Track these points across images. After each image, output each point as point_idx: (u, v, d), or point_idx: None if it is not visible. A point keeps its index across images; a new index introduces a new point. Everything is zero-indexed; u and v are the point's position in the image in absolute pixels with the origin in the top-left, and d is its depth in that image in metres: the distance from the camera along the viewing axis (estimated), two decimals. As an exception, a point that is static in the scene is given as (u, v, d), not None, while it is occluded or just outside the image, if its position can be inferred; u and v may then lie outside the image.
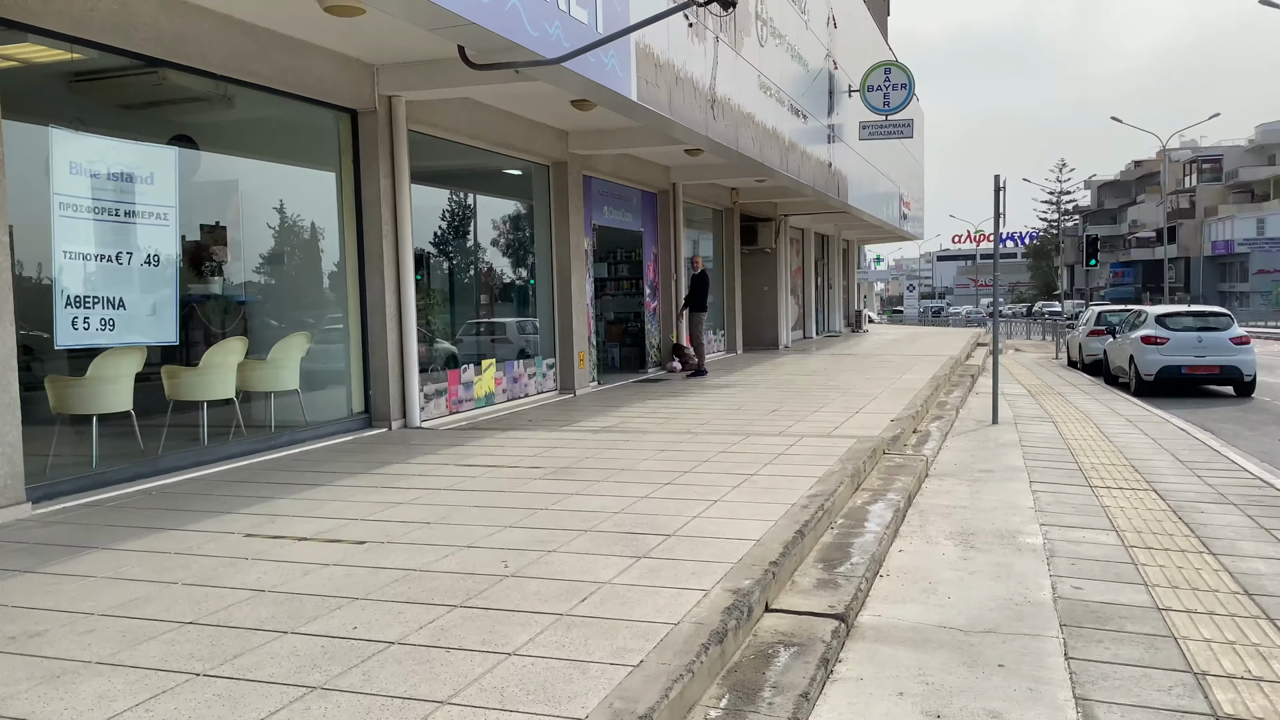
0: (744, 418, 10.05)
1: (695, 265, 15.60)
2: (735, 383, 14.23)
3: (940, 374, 15.01)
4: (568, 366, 12.80)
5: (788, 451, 7.57)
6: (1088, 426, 11.20)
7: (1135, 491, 7.23)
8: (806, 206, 22.57)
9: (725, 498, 5.83)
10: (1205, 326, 16.25)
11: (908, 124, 18.85)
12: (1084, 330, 22.26)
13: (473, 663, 3.39)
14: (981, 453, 9.11)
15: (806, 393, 12.58)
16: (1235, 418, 13.08)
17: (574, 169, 12.77)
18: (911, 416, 10.15)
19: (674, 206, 16.38)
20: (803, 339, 27.10)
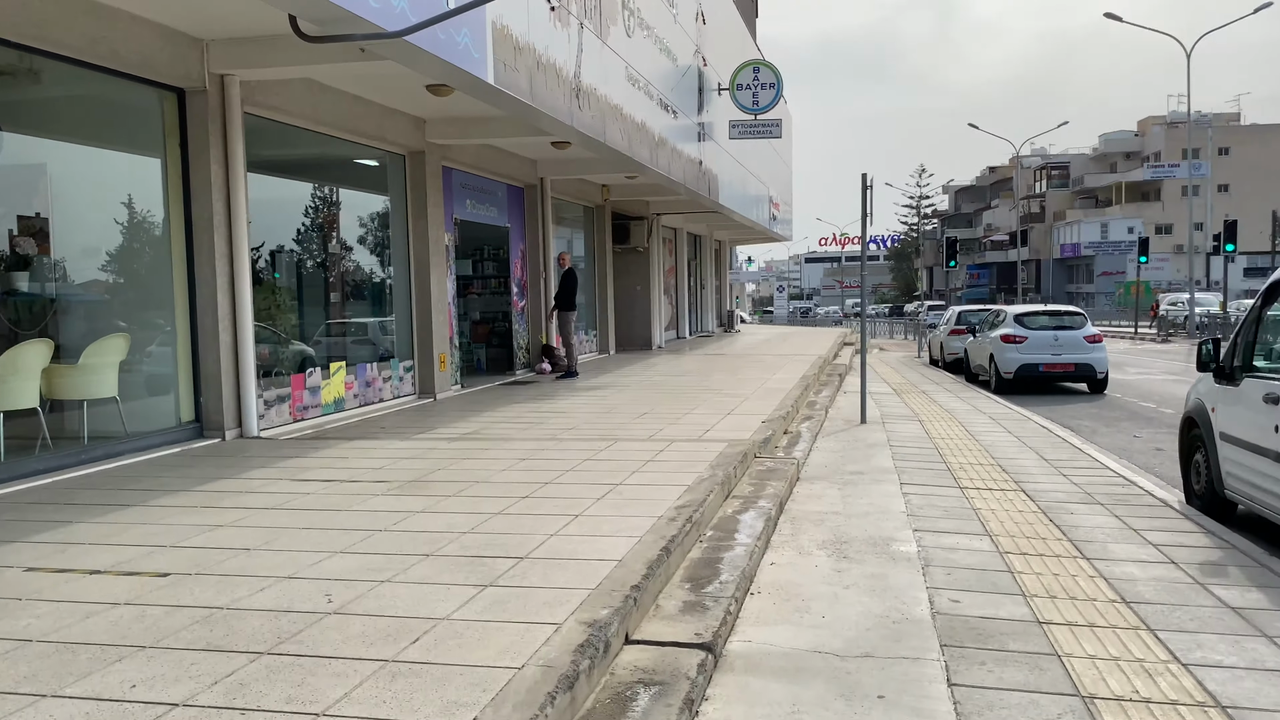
0: (613, 422, 9.63)
1: (562, 263, 15.10)
2: (607, 384, 13.81)
3: (810, 374, 14.97)
4: (427, 369, 12.11)
5: (657, 458, 7.17)
6: (953, 425, 11.25)
7: (1005, 492, 7.14)
8: (679, 205, 22.39)
9: (587, 512, 5.37)
10: (1061, 325, 16.76)
11: (776, 124, 18.85)
12: (945, 330, 22.84)
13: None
14: (852, 454, 8.94)
15: (678, 394, 12.27)
16: (1091, 414, 13.45)
17: (433, 160, 12.10)
18: (782, 417, 9.93)
19: (542, 202, 15.84)
20: (676, 339, 26.95)
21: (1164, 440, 10.86)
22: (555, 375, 15.09)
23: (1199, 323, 32.39)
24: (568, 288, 14.79)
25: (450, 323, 12.89)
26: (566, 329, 14.92)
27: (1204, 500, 6.77)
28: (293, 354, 10.22)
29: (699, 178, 17.37)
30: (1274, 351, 5.97)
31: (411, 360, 12.06)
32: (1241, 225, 41.81)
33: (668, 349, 22.94)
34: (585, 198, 18.69)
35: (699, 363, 17.93)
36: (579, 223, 19.26)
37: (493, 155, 13.95)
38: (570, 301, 14.79)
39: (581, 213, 19.32)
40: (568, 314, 14.80)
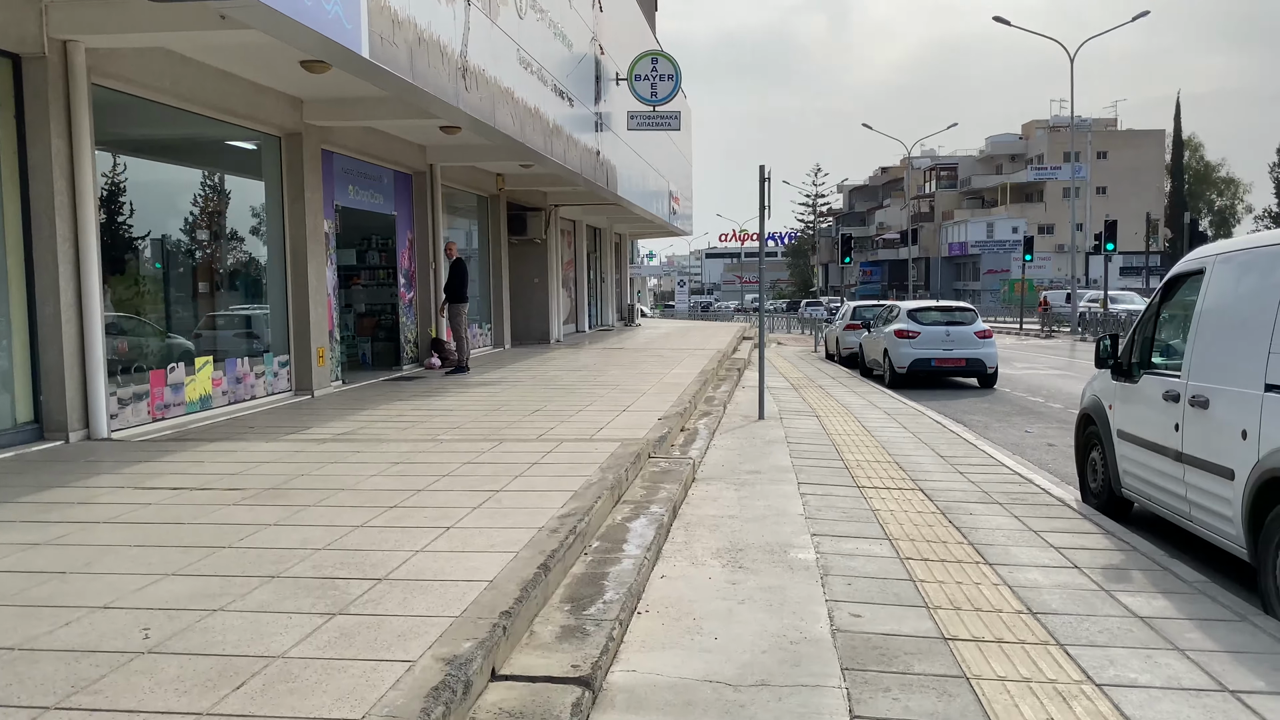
0: (501, 420, 9.13)
1: (450, 253, 14.46)
2: (498, 380, 13.27)
3: (708, 368, 14.72)
4: (304, 364, 11.37)
5: (544, 460, 6.72)
6: (849, 420, 11.11)
7: (903, 491, 6.93)
8: (577, 197, 21.92)
9: (461, 523, 4.89)
10: (952, 321, 16.93)
11: (675, 116, 18.56)
12: (840, 325, 22.97)
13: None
14: (749, 451, 8.65)
15: (573, 390, 11.83)
16: (983, 409, 13.54)
17: (311, 142, 11.35)
18: (679, 414, 9.60)
19: (432, 189, 15.17)
20: (575, 333, 26.49)
21: (1054, 435, 10.94)
22: (445, 370, 14.47)
23: (1095, 319, 33.52)
24: (457, 279, 14.18)
25: (330, 315, 12.16)
26: (457, 322, 14.30)
27: (1101, 499, 6.69)
28: (156, 348, 9.40)
29: (597, 168, 16.94)
30: (1172, 348, 5.88)
31: (287, 355, 11.31)
32: (1118, 226, 43.61)
33: (566, 343, 22.46)
34: (479, 187, 18.06)
35: (597, 357, 17.52)
36: (473, 213, 18.61)
37: (378, 139, 13.25)
38: (461, 293, 14.18)
39: (476, 202, 18.67)
40: (458, 306, 14.19)
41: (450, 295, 14.27)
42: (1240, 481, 4.58)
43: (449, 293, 14.29)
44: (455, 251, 14.52)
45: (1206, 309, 5.18)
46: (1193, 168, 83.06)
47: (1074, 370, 19.85)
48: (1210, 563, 5.38)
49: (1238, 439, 4.62)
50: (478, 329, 18.42)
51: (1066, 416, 12.46)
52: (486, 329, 18.94)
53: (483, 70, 10.56)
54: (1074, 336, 32.83)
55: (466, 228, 18.49)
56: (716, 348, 19.72)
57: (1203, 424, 5.04)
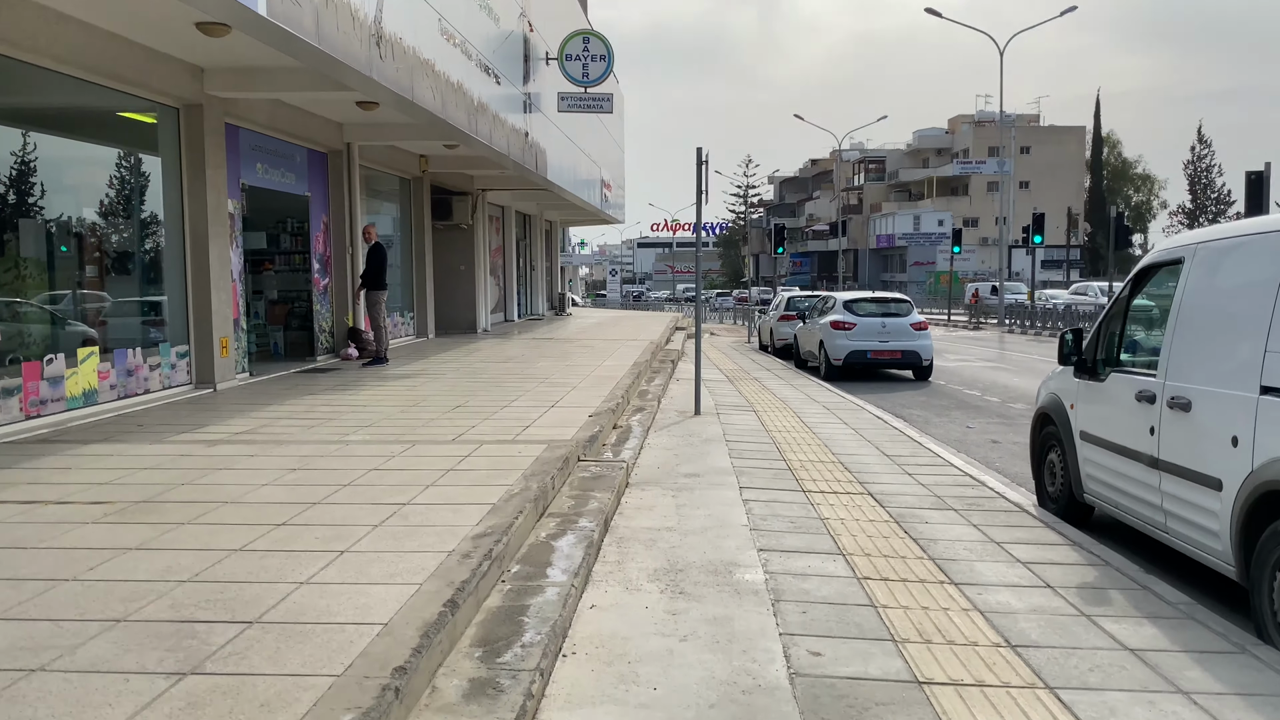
0: (418, 418, 8.43)
1: (368, 237, 13.61)
2: (419, 372, 12.52)
3: (642, 360, 14.15)
4: (205, 355, 10.48)
5: (461, 465, 6.06)
6: (789, 416, 10.65)
7: (851, 496, 6.45)
8: (506, 181, 21.15)
9: (358, 545, 4.22)
10: (888, 313, 16.64)
11: (607, 98, 17.91)
12: (775, 315, 22.62)
13: None
14: (686, 451, 8.10)
15: (499, 384, 11.15)
16: (920, 403, 13.23)
17: (213, 115, 10.44)
18: (612, 410, 9.00)
19: (349, 170, 14.28)
20: (504, 322, 25.70)
21: (996, 431, 10.62)
22: (363, 361, 13.65)
23: (1023, 311, 33.80)
24: (375, 265, 13.35)
25: (236, 302, 11.26)
26: (375, 311, 13.48)
27: (1060, 504, 6.29)
28: (34, 336, 8.47)
29: (525, 150, 16.22)
30: (1144, 345, 5.48)
31: (187, 345, 10.40)
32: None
33: (494, 332, 21.70)
34: (401, 168, 17.18)
35: (526, 348, 16.83)
36: (394, 195, 17.72)
37: (289, 115, 12.34)
38: (379, 280, 13.36)
39: (398, 185, 17.78)
40: (377, 293, 13.37)
41: (368, 282, 13.44)
42: (1230, 493, 4.16)
43: (366, 279, 13.46)
44: (374, 236, 13.68)
45: (1187, 303, 4.76)
46: (1111, 164, 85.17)
47: (1006, 362, 19.80)
48: (1188, 578, 4.98)
49: (1227, 446, 4.20)
50: (399, 318, 17.57)
51: (1006, 411, 12.20)
52: (409, 318, 18.09)
53: (400, 39, 9.79)
54: (1002, 328, 33.11)
55: (387, 211, 17.60)
56: (649, 339, 19.17)
57: (1184, 428, 4.62)
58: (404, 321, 17.76)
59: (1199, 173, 79.03)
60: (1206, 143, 78.50)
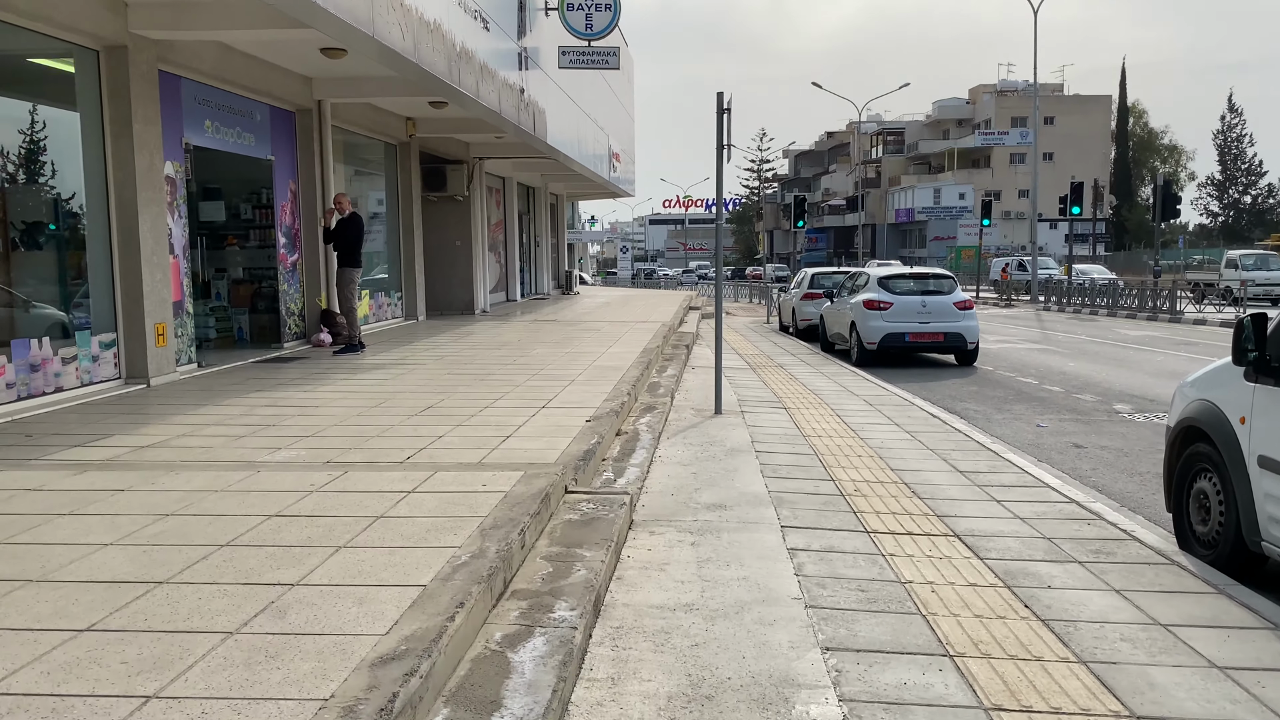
0: (374, 424, 6.81)
1: (341, 207, 11.92)
2: (398, 361, 10.90)
3: (652, 346, 12.49)
4: (137, 345, 8.88)
5: (397, 508, 4.42)
6: (826, 414, 8.98)
7: (933, 540, 4.79)
8: (505, 149, 19.43)
9: (184, 679, 2.59)
10: (929, 290, 14.90)
11: (613, 52, 16.15)
12: (797, 294, 20.88)
13: None
14: (708, 467, 6.45)
15: (486, 376, 9.52)
16: (972, 393, 11.52)
17: (141, 60, 8.79)
18: (615, 412, 7.35)
19: (320, 130, 12.62)
20: (505, 302, 24.06)
21: (1074, 431, 8.93)
22: (337, 348, 12.04)
23: (1057, 287, 31.98)
24: (350, 238, 11.70)
25: (178, 281, 9.65)
26: (346, 291, 11.84)
27: (1219, 551, 4.61)
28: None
29: (521, 109, 14.49)
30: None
31: (114, 333, 8.80)
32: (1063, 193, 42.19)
33: (493, 314, 20.06)
34: (386, 132, 15.50)
35: (524, 331, 15.18)
36: (378, 163, 16.04)
37: (243, 64, 10.67)
38: (352, 256, 11.72)
39: (383, 151, 16.10)
40: (349, 271, 11.73)
41: (340, 258, 11.80)
42: None
43: (341, 256, 11.81)
44: (348, 205, 12.00)
45: None
46: (1137, 135, 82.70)
47: (1053, 344, 18.05)
48: None
49: None
50: (385, 298, 15.95)
51: (1075, 404, 10.48)
52: (396, 298, 16.45)
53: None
54: (1036, 305, 31.26)
55: (371, 180, 15.94)
56: (661, 320, 17.48)
57: None
58: (390, 303, 16.14)
59: (1229, 143, 76.61)
60: (1238, 112, 76.19)
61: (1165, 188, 25.09)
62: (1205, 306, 23.49)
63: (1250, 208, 75.50)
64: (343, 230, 11.72)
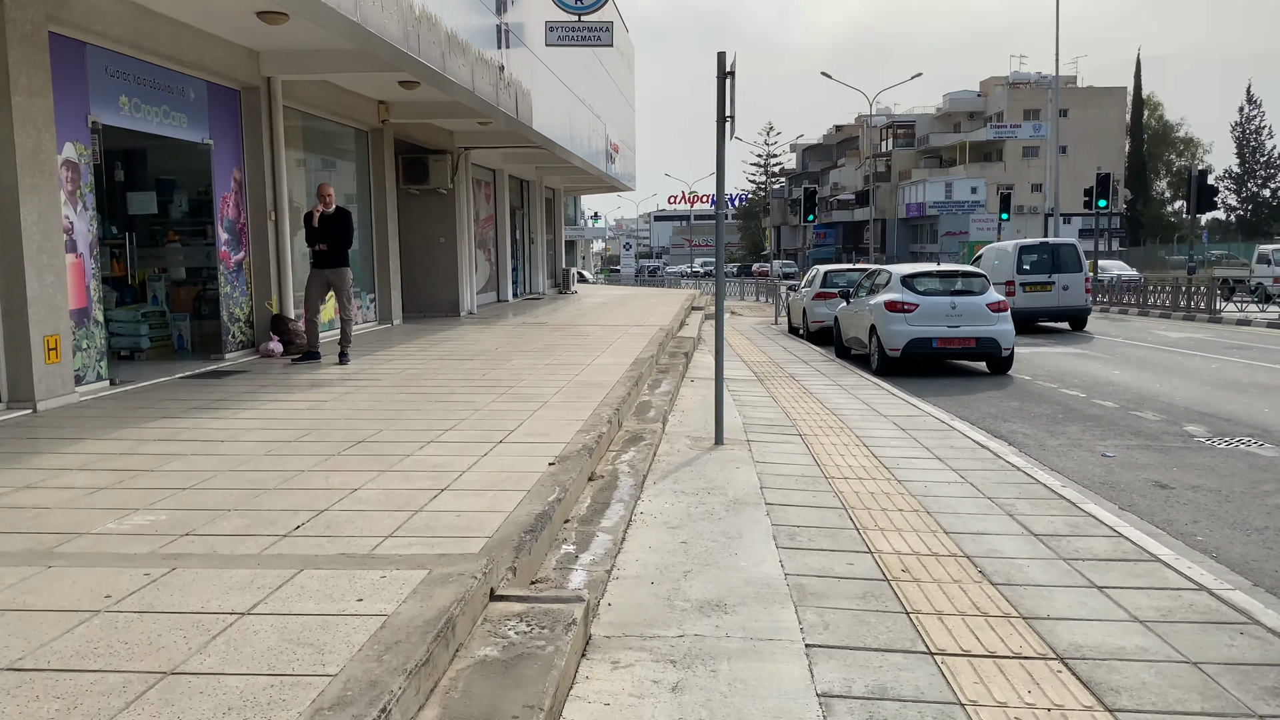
0: (277, 471, 5.31)
1: (326, 199, 10.32)
2: (352, 375, 9.40)
3: (646, 355, 10.96)
4: (20, 362, 7.38)
5: (199, 658, 2.89)
6: (850, 444, 7.45)
7: (1027, 667, 3.26)
8: (493, 137, 17.94)
9: None
10: (957, 290, 13.34)
11: (605, 28, 14.59)
12: (809, 293, 19.32)
13: None
14: (702, 533, 4.92)
15: (446, 396, 8.02)
16: (1014, 410, 9.97)
17: (21, 18, 7.27)
18: (588, 449, 5.83)
19: (270, 111, 11.10)
20: (495, 303, 22.57)
21: (1147, 461, 7.38)
22: (291, 358, 10.56)
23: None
24: (345, 234, 10.34)
25: (81, 284, 8.16)
26: (311, 291, 10.39)
27: None
28: None
29: (501, 90, 12.95)
30: None
31: (-8, 348, 7.31)
32: (1077, 187, 40.55)
33: (480, 315, 18.56)
34: (353, 116, 13.98)
35: (506, 337, 13.67)
36: (348, 151, 14.53)
37: (171, 32, 9.17)
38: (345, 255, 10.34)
39: (352, 138, 14.58)
40: (344, 271, 10.38)
41: (337, 256, 10.32)
42: None
43: (333, 255, 10.30)
44: (332, 198, 10.39)
45: None
46: (1152, 127, 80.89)
47: (1090, 348, 16.46)
48: None
49: None
50: (357, 300, 14.42)
51: (1138, 425, 8.90)
52: (368, 301, 14.94)
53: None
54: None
55: (339, 170, 14.43)
56: (659, 324, 15.95)
57: None
58: (361, 306, 14.62)
59: (1247, 135, 74.68)
60: (1256, 103, 74.25)
61: (1200, 178, 23.46)
62: (1247, 305, 21.88)
63: (1270, 201, 73.57)
64: (335, 226, 10.24)
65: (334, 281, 10.23)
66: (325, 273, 10.19)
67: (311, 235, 10.20)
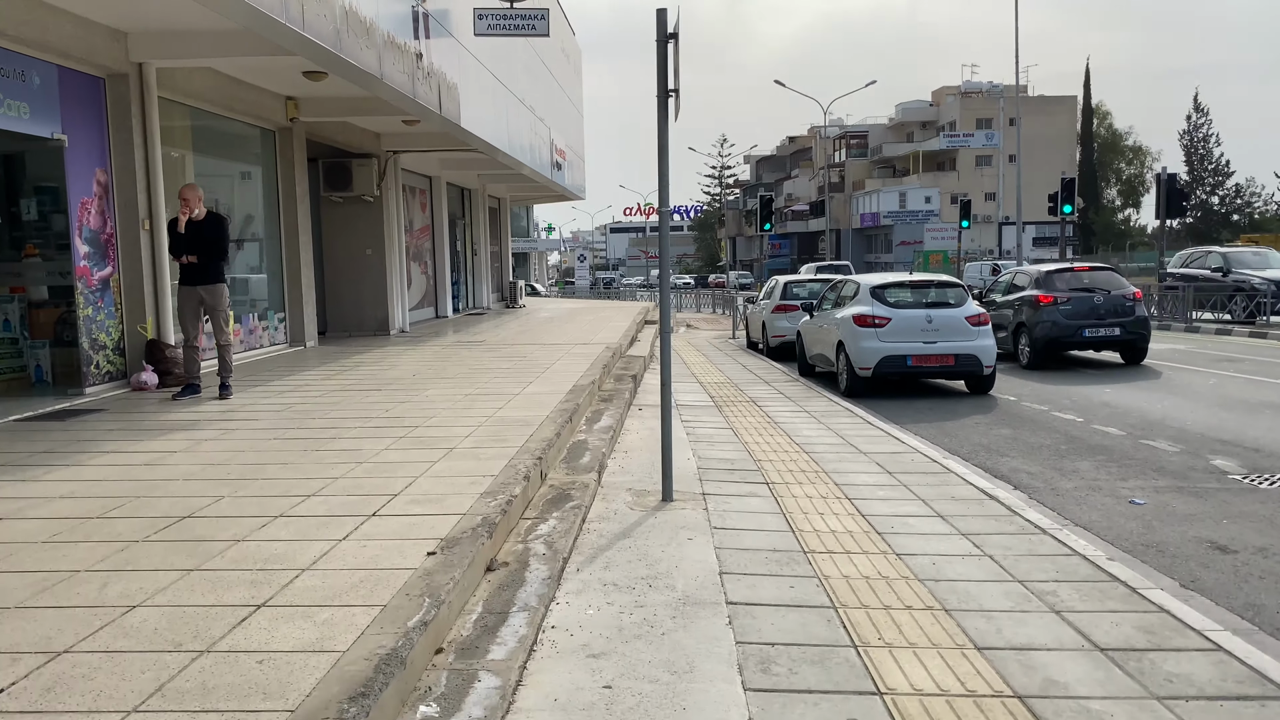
0: (33, 580, 3.79)
1: (187, 203, 8.68)
2: (229, 414, 7.82)
3: (585, 381, 9.48)
4: None
5: None
6: (830, 495, 6.04)
7: None
8: (421, 139, 16.44)
9: None
10: (934, 302, 12.05)
11: (540, 15, 13.13)
12: (768, 305, 17.98)
13: None
14: (634, 666, 3.44)
15: (329, 441, 6.48)
16: (1007, 440, 8.64)
17: None
18: (488, 525, 4.34)
19: (143, 103, 9.49)
20: (433, 319, 20.96)
21: (1182, 508, 6.05)
22: (172, 392, 8.93)
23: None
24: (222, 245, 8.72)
25: None
26: (220, 316, 8.78)
27: None
28: None
29: (418, 80, 11.40)
30: None
31: None
32: (1029, 195, 39.94)
33: (413, 334, 16.97)
34: (256, 113, 12.36)
35: (431, 360, 12.11)
36: (252, 153, 12.89)
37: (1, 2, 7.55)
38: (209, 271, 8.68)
39: (258, 139, 12.95)
40: (220, 287, 8.74)
41: (210, 270, 8.67)
42: None
43: (205, 269, 8.65)
44: (198, 202, 8.73)
45: None
46: (1101, 136, 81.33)
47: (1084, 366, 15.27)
48: None
49: None
50: (258, 322, 12.78)
51: (1155, 458, 7.57)
52: (277, 321, 13.28)
53: None
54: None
55: (241, 173, 12.80)
56: (607, 341, 14.48)
57: None
58: (267, 327, 12.96)
59: (1195, 143, 75.12)
60: (1204, 111, 74.67)
61: (1170, 181, 22.56)
62: (1222, 314, 20.95)
63: (1218, 209, 74.05)
64: (207, 234, 8.61)
65: (208, 300, 8.62)
66: (198, 290, 8.59)
67: (178, 245, 8.59)
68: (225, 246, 8.70)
